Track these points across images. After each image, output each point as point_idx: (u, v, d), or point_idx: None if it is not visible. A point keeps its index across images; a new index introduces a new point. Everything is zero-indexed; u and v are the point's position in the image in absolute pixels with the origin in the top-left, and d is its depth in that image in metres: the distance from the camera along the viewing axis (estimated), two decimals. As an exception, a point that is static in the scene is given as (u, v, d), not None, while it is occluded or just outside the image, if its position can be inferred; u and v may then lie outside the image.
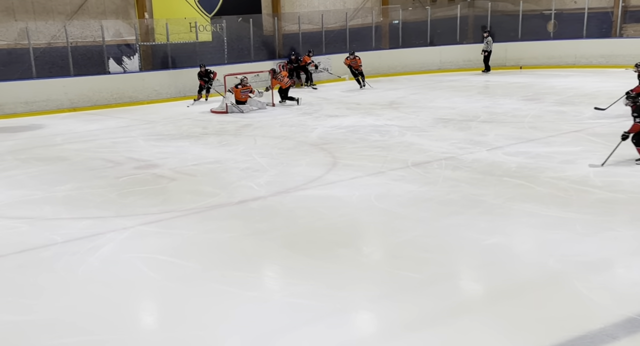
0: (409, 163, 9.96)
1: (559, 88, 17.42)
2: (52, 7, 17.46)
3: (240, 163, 10.39)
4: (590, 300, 5.38)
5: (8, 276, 6.26)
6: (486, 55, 20.98)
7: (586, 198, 8.01)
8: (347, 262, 6.29)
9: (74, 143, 12.29)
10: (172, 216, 7.85)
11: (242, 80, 15.40)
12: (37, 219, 7.88)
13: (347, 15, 22.45)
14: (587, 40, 21.86)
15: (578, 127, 12.17)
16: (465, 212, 7.67)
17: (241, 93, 15.35)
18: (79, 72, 17.23)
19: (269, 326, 5.11)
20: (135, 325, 5.35)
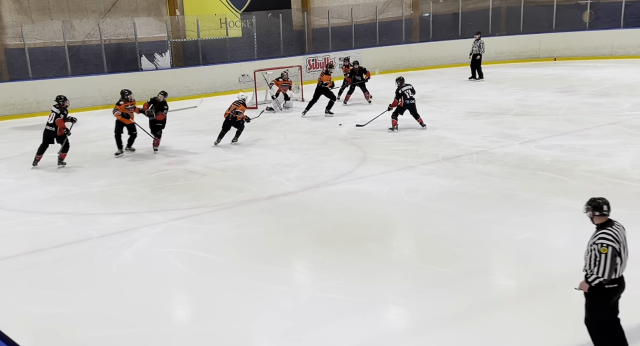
0: (439, 158, 9.86)
1: (595, 80, 17.01)
2: (86, 5, 17.79)
3: (270, 158, 10.43)
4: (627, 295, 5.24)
5: (47, 271, 6.42)
6: (477, 59, 18.32)
7: (623, 191, 7.81)
8: (378, 257, 6.27)
9: (108, 140, 12.48)
10: (204, 211, 7.94)
11: (282, 74, 15.46)
12: (73, 214, 8.06)
13: (377, 9, 22.30)
14: (624, 30, 21.26)
15: (615, 119, 11.87)
16: (497, 207, 7.56)
17: (282, 86, 15.44)
18: (112, 69, 17.52)
19: (299, 320, 5.14)
20: (169, 319, 5.44)
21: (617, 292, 4.16)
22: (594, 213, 4.14)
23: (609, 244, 3.99)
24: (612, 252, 3.98)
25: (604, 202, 4.13)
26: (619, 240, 4.06)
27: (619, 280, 4.14)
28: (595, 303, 4.19)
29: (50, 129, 10.19)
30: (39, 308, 5.58)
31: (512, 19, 23.49)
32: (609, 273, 3.99)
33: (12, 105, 15.87)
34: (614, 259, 3.99)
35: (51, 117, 10.20)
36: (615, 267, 4.03)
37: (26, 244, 7.12)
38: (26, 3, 16.88)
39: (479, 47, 18.25)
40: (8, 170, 10.62)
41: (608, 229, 4.07)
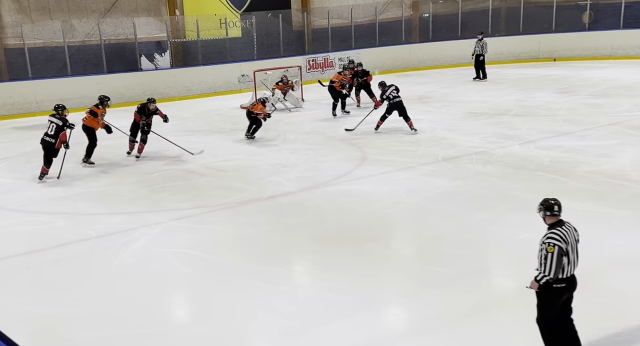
0: (439, 158, 9.87)
1: (594, 81, 17.02)
2: (86, 5, 17.78)
3: (270, 158, 10.43)
4: (627, 296, 5.26)
5: (46, 271, 6.42)
6: (481, 59, 18.26)
7: (622, 192, 7.82)
8: (377, 257, 6.27)
9: (107, 140, 12.47)
10: (203, 211, 7.94)
11: (282, 78, 15.46)
12: (72, 214, 8.06)
13: (377, 9, 22.30)
14: (624, 31, 21.27)
15: (615, 120, 11.87)
16: (496, 207, 7.57)
17: (283, 90, 15.43)
18: (112, 69, 17.52)
19: (298, 320, 5.14)
20: (168, 319, 5.44)
21: (565, 291, 4.20)
22: (546, 213, 4.25)
23: (555, 243, 4.06)
24: (558, 252, 4.04)
25: (555, 203, 4.25)
26: (567, 241, 4.12)
27: (568, 279, 4.18)
28: (544, 302, 4.24)
29: (50, 141, 9.38)
30: (38, 308, 5.58)
31: (512, 20, 23.49)
32: (555, 272, 4.05)
33: (11, 105, 15.87)
34: (560, 258, 4.05)
35: (51, 128, 9.41)
36: (562, 267, 4.09)
37: (25, 244, 7.12)
38: (26, 3, 16.88)
39: (482, 48, 18.22)
40: (8, 170, 10.62)
41: (557, 229, 4.16)
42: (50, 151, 9.42)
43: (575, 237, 4.21)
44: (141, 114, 10.76)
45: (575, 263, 4.17)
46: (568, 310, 4.29)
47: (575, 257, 4.17)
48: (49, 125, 9.47)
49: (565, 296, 4.20)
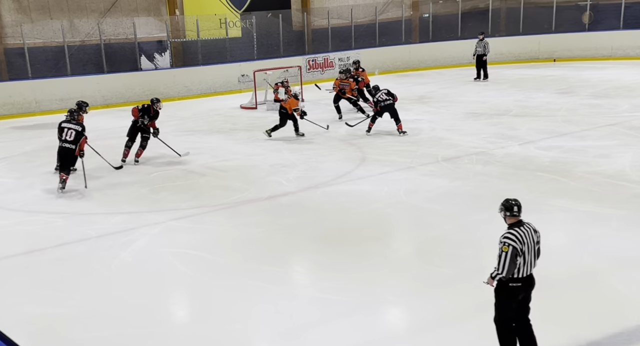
0: (439, 158, 9.87)
1: (594, 81, 17.02)
2: (86, 5, 17.77)
3: (269, 158, 10.43)
4: (626, 296, 5.26)
5: (46, 270, 6.42)
6: (484, 60, 18.20)
7: (622, 193, 7.83)
8: (377, 257, 6.27)
9: (107, 140, 12.49)
10: (203, 211, 7.94)
11: (283, 81, 15.43)
12: (72, 214, 8.06)
13: (377, 10, 22.31)
14: (623, 32, 21.27)
15: (614, 120, 11.88)
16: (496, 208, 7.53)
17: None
18: (111, 69, 17.52)
19: (298, 320, 5.14)
20: (168, 319, 5.44)
21: (521, 291, 4.23)
22: (506, 214, 4.32)
23: (510, 243, 4.11)
24: (512, 251, 4.09)
25: (515, 204, 4.31)
26: (524, 241, 4.16)
27: (524, 279, 4.21)
28: (501, 301, 4.28)
29: (71, 147, 8.75)
30: (38, 307, 5.58)
31: (512, 20, 23.49)
32: (507, 271, 4.10)
33: (11, 105, 15.86)
34: (513, 258, 4.10)
35: (69, 134, 8.75)
36: (517, 266, 4.13)
37: (25, 244, 7.12)
38: (26, 2, 16.87)
39: (483, 48, 18.23)
40: (7, 170, 10.62)
41: (514, 229, 4.21)
42: (70, 158, 8.83)
43: (534, 238, 4.25)
44: (144, 115, 10.37)
45: (532, 264, 4.23)
46: (525, 310, 4.33)
47: (532, 258, 4.22)
48: (65, 131, 8.79)
49: (522, 295, 4.24)
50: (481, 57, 18.29)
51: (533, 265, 4.23)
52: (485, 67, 18.38)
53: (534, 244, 4.23)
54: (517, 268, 4.13)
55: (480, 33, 18.83)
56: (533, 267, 4.23)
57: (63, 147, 8.83)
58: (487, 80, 18.24)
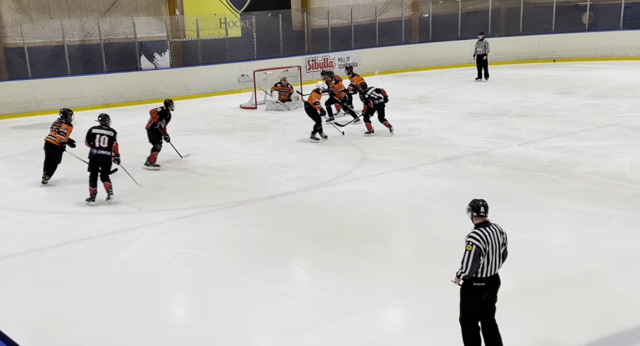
0: (438, 158, 9.87)
1: (594, 81, 17.03)
2: (86, 4, 17.77)
3: (269, 158, 10.43)
4: (626, 296, 5.26)
5: (45, 270, 6.42)
6: (484, 59, 18.21)
7: (622, 193, 7.83)
8: (377, 258, 6.27)
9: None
10: (202, 211, 7.94)
11: (281, 81, 15.44)
12: (72, 214, 8.06)
13: (377, 10, 22.30)
14: (623, 32, 21.28)
15: (614, 121, 11.88)
16: (496, 208, 7.51)
17: (280, 92, 15.44)
18: (111, 69, 17.52)
19: (297, 321, 5.14)
20: (167, 318, 5.44)
21: (485, 290, 4.25)
22: (473, 214, 4.35)
23: (474, 243, 4.15)
24: (475, 251, 4.13)
25: (482, 204, 4.33)
26: (488, 241, 4.19)
27: (488, 279, 4.23)
28: (465, 301, 4.30)
29: (107, 154, 8.32)
30: (38, 307, 5.58)
31: (512, 20, 23.50)
32: (470, 270, 4.14)
33: (11, 104, 15.85)
34: (476, 257, 4.13)
35: (102, 140, 8.30)
36: (479, 265, 4.16)
37: (25, 243, 7.12)
38: (26, 2, 16.87)
39: (484, 48, 18.25)
40: (7, 169, 10.61)
41: (480, 229, 4.24)
42: (106, 165, 8.34)
43: (499, 239, 4.26)
44: (162, 118, 10.20)
45: (496, 265, 4.24)
46: (491, 310, 4.35)
47: (496, 259, 4.23)
48: (98, 137, 8.31)
49: (485, 295, 4.27)
50: (481, 57, 18.30)
51: (498, 266, 4.26)
52: (486, 67, 18.39)
53: (499, 245, 4.25)
54: (481, 268, 4.17)
55: (480, 33, 18.82)
56: (498, 268, 4.26)
57: (98, 154, 8.28)
58: (487, 80, 18.24)
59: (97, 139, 8.32)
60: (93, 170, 8.32)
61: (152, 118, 10.21)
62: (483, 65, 18.36)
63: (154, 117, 10.19)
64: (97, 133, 8.37)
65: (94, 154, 8.29)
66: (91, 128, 8.49)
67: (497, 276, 4.27)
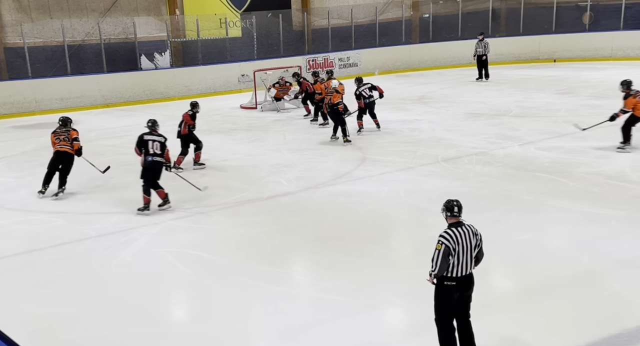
0: (439, 159, 9.86)
1: (594, 82, 17.02)
2: (86, 4, 17.78)
3: (269, 158, 10.43)
4: (626, 297, 5.26)
5: (44, 270, 6.42)
6: (484, 59, 18.25)
7: (622, 193, 7.82)
8: (377, 258, 6.26)
9: (107, 139, 12.51)
10: (202, 211, 7.94)
11: (279, 80, 15.44)
12: (72, 213, 8.05)
13: (377, 10, 22.30)
14: (624, 32, 21.27)
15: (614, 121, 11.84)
16: (496, 208, 7.56)
17: (279, 91, 15.44)
18: (111, 69, 17.52)
19: (297, 321, 5.13)
20: (167, 318, 5.43)
21: (456, 290, 4.27)
22: (447, 214, 4.41)
23: (443, 242, 4.20)
24: (444, 250, 4.18)
25: (455, 204, 4.39)
26: (458, 241, 4.22)
27: (459, 279, 4.25)
28: (438, 300, 4.34)
29: (160, 160, 7.98)
30: (38, 307, 5.57)
31: (512, 21, 23.50)
32: (439, 268, 4.19)
33: (11, 104, 15.86)
34: (445, 257, 4.17)
35: (155, 146, 7.94)
36: (448, 265, 4.19)
37: (25, 243, 7.12)
38: (26, 2, 16.87)
39: (484, 48, 18.25)
40: (7, 169, 10.61)
41: (451, 229, 4.29)
42: (159, 172, 8.02)
43: (471, 240, 4.27)
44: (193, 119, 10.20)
45: (468, 265, 4.25)
46: (464, 310, 4.35)
47: (467, 259, 4.24)
48: (151, 144, 7.94)
49: (457, 295, 4.28)
50: (481, 57, 18.30)
51: (470, 267, 4.27)
52: (487, 67, 18.39)
53: (471, 246, 4.26)
54: (451, 267, 4.20)
55: (480, 33, 18.82)
56: (470, 268, 4.27)
57: (154, 161, 7.88)
58: (488, 80, 18.24)
59: (150, 146, 7.90)
60: (148, 178, 7.89)
61: (186, 122, 10.14)
62: (483, 65, 18.35)
63: (189, 120, 10.17)
64: (150, 140, 7.95)
65: (149, 161, 7.86)
66: (142, 135, 8.07)
67: (470, 276, 4.29)
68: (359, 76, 12.24)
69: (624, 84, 9.83)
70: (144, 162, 7.90)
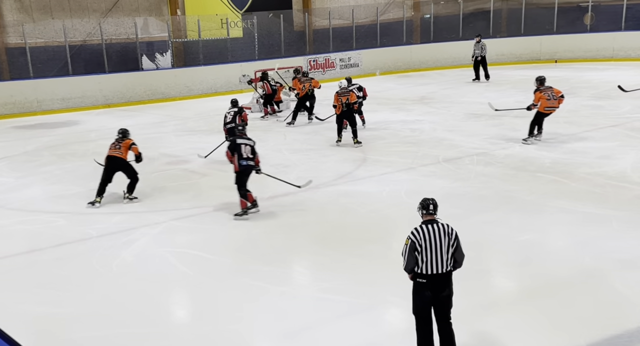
0: (440, 159, 9.86)
1: (595, 82, 17.01)
2: (88, 4, 17.79)
3: (270, 159, 10.41)
4: (627, 298, 5.25)
5: (46, 270, 6.42)
6: (479, 60, 18.35)
7: (623, 194, 7.81)
8: (377, 258, 6.26)
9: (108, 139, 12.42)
10: (203, 211, 7.94)
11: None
12: (73, 214, 8.06)
13: (378, 10, 22.30)
14: (625, 33, 21.25)
15: (615, 122, 11.87)
16: (497, 209, 7.56)
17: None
18: (113, 69, 17.54)
19: (298, 321, 5.13)
20: (168, 319, 5.43)
21: (426, 288, 4.29)
22: (422, 212, 4.47)
23: (410, 237, 4.29)
24: (410, 245, 4.27)
25: (431, 203, 4.46)
26: (425, 238, 4.26)
27: (428, 277, 4.27)
28: (413, 296, 4.39)
29: (252, 164, 7.88)
30: (39, 307, 5.58)
31: (513, 21, 23.48)
32: (406, 264, 4.29)
33: (12, 104, 15.87)
34: (411, 252, 4.26)
35: (247, 150, 7.83)
36: (415, 261, 4.26)
37: (26, 243, 7.12)
38: (27, 2, 16.89)
39: (481, 49, 18.24)
40: (9, 169, 10.61)
41: (422, 226, 4.36)
42: (249, 174, 7.94)
43: (442, 238, 4.28)
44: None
45: (438, 264, 4.25)
46: (442, 311, 4.35)
47: (437, 258, 4.25)
48: (243, 148, 7.80)
49: (429, 293, 4.30)
50: (477, 59, 18.35)
51: (443, 266, 4.26)
52: (486, 68, 18.39)
53: (441, 244, 4.26)
54: (420, 263, 4.24)
55: (477, 35, 18.85)
56: (443, 268, 4.26)
57: (248, 165, 7.80)
58: (489, 81, 18.24)
59: (243, 150, 7.79)
60: (242, 181, 7.79)
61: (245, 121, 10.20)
62: (482, 66, 18.37)
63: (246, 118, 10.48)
64: (242, 144, 7.83)
65: (244, 165, 7.75)
66: (234, 139, 7.97)
67: (444, 276, 4.28)
68: (349, 76, 12.39)
69: (537, 79, 10.84)
70: (238, 166, 7.77)
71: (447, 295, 4.33)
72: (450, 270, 4.31)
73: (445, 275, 4.29)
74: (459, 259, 4.34)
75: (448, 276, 4.31)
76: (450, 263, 4.30)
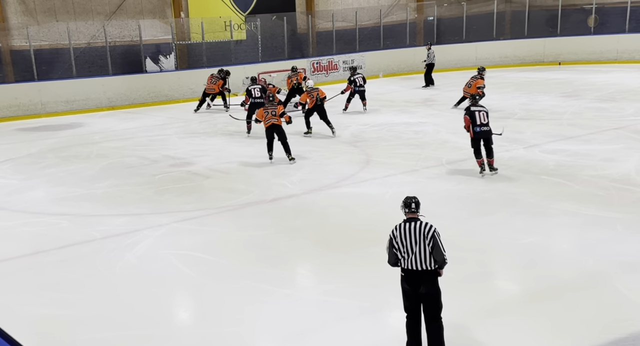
0: (443, 161, 9.85)
1: (599, 85, 16.97)
2: (92, 7, 17.86)
3: (273, 160, 10.43)
4: (632, 300, 5.24)
5: (49, 272, 6.43)
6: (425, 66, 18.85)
7: (627, 197, 7.79)
8: (381, 260, 6.21)
9: (112, 142, 12.54)
10: (207, 213, 7.95)
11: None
12: (77, 216, 8.08)
13: (382, 12, 22.31)
14: (629, 35, 21.22)
15: (619, 124, 11.84)
16: (501, 211, 7.55)
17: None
18: (117, 71, 17.58)
19: (301, 323, 5.13)
20: (171, 321, 5.44)
21: (405, 282, 4.42)
22: (405, 210, 4.56)
23: (390, 234, 4.46)
24: (388, 240, 4.47)
25: (413, 201, 4.55)
26: (401, 235, 4.39)
27: (407, 272, 4.38)
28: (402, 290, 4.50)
29: (489, 129, 8.85)
30: (43, 309, 5.59)
31: (517, 23, 23.47)
32: (388, 258, 4.50)
33: (17, 107, 15.92)
34: (390, 248, 4.45)
35: (483, 116, 8.75)
36: (394, 256, 4.43)
37: (30, 245, 7.13)
38: (32, 5, 16.96)
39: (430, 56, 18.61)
40: (13, 171, 10.64)
41: (401, 223, 4.47)
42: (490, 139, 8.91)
43: (417, 236, 4.34)
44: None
45: (414, 261, 4.33)
46: (427, 308, 4.41)
47: (414, 255, 4.32)
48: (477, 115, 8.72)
49: (408, 288, 4.39)
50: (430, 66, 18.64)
51: (420, 264, 4.32)
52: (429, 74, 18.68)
53: (415, 242, 4.33)
54: (400, 259, 4.39)
55: (428, 43, 19.26)
56: (420, 266, 4.33)
57: (482, 131, 8.77)
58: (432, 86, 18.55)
59: (478, 116, 8.64)
60: (479, 146, 8.79)
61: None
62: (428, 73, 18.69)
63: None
64: (477, 111, 8.68)
65: (479, 131, 8.69)
66: (469, 106, 8.82)
67: (420, 273, 4.33)
68: (353, 65, 12.63)
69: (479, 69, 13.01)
70: (473, 133, 8.73)
71: (428, 293, 4.36)
72: (430, 269, 4.34)
73: (422, 273, 4.34)
74: (438, 259, 4.38)
75: (427, 274, 4.34)
76: (430, 262, 4.34)
